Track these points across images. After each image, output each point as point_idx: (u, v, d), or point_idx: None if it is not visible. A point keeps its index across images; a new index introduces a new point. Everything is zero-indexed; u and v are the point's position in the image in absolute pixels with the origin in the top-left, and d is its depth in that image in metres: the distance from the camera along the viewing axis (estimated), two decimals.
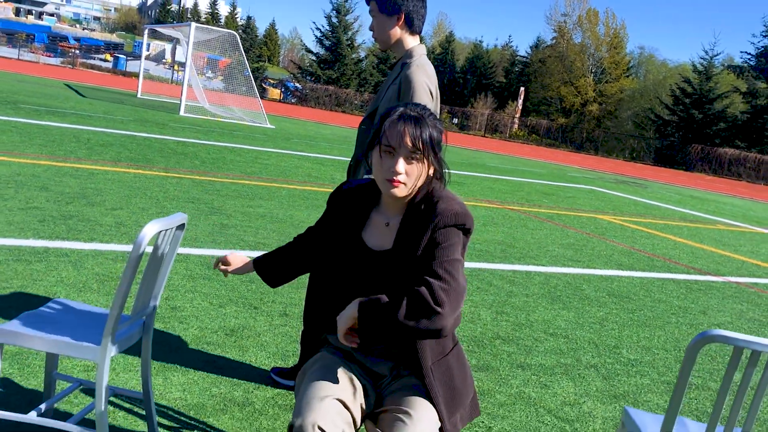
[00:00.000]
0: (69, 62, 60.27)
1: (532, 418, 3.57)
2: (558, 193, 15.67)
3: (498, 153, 31.05)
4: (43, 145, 10.17)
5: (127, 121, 16.47)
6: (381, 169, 2.02)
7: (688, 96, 49.71)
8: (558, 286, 6.51)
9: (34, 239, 5.28)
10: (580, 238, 9.54)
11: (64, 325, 2.53)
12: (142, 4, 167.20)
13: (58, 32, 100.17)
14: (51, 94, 21.37)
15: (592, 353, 4.74)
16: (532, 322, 5.23)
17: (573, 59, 63.83)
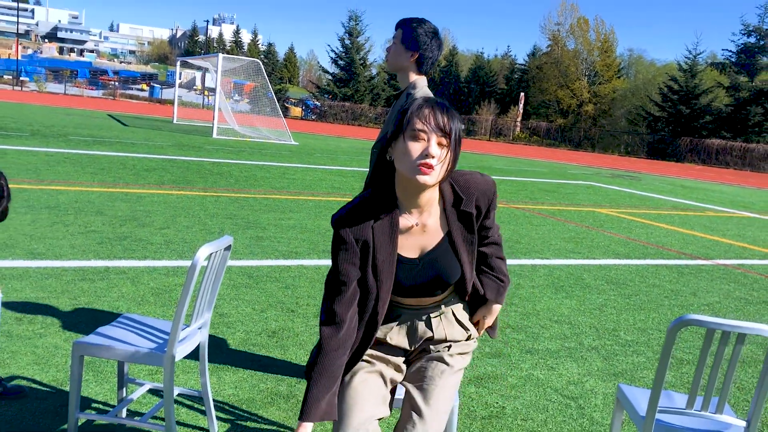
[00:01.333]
0: (110, 94, 61.01)
1: (541, 397, 3.71)
2: (559, 190, 15.73)
3: (503, 155, 31.07)
4: (95, 173, 10.45)
5: (166, 146, 16.76)
6: (410, 155, 1.78)
7: (675, 93, 49.41)
8: (561, 277, 6.63)
9: (95, 260, 5.50)
10: (580, 232, 9.63)
11: (133, 337, 2.72)
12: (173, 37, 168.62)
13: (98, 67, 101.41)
14: (96, 125, 21.76)
15: (593, 336, 4.87)
16: (538, 311, 5.36)
17: (567, 64, 63.55)
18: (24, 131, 16.58)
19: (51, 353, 3.59)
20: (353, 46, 58.40)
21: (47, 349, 3.63)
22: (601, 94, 61.31)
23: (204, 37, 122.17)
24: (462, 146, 1.93)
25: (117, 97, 59.41)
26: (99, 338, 2.66)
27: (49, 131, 17.34)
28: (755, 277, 7.62)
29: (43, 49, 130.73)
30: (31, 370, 3.36)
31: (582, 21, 65.06)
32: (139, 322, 2.88)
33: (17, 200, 7.53)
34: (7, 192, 2.87)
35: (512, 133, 57.59)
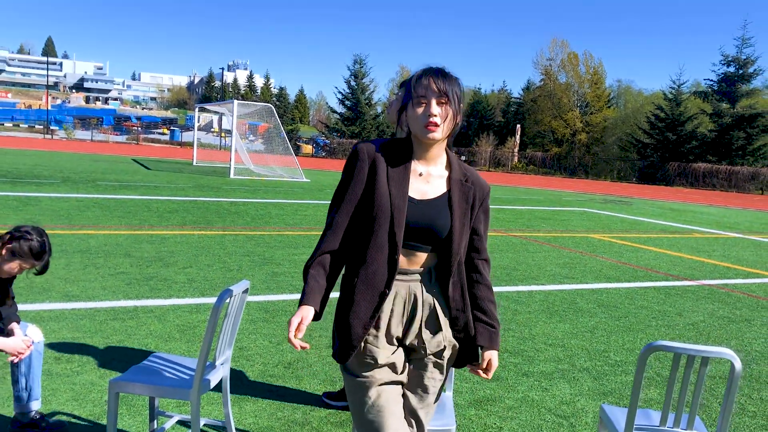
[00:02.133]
0: (133, 138, 61.83)
1: (535, 417, 3.81)
2: (554, 217, 15.84)
3: (501, 185, 31.25)
4: (122, 216, 10.67)
5: (187, 188, 17.03)
6: (417, 119, 1.96)
7: (662, 120, 49.70)
8: (555, 302, 6.74)
9: (124, 300, 5.66)
10: (574, 257, 9.74)
11: (162, 374, 2.86)
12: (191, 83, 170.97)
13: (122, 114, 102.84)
14: (122, 170, 22.11)
15: (585, 358, 4.97)
16: (534, 336, 5.47)
17: (560, 96, 64.03)
18: (55, 178, 16.91)
19: (88, 390, 3.73)
20: (359, 87, 59.15)
21: (84, 386, 3.77)
22: (593, 123, 61.64)
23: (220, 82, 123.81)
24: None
25: (140, 141, 60.19)
26: (132, 376, 2.81)
27: (78, 177, 17.66)
28: (738, 296, 7.69)
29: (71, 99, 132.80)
30: (70, 406, 3.50)
31: (572, 56, 65.67)
32: (167, 360, 3.03)
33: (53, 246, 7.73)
34: (48, 247, 3.04)
35: (510, 162, 57.86)
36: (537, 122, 65.62)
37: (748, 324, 6.35)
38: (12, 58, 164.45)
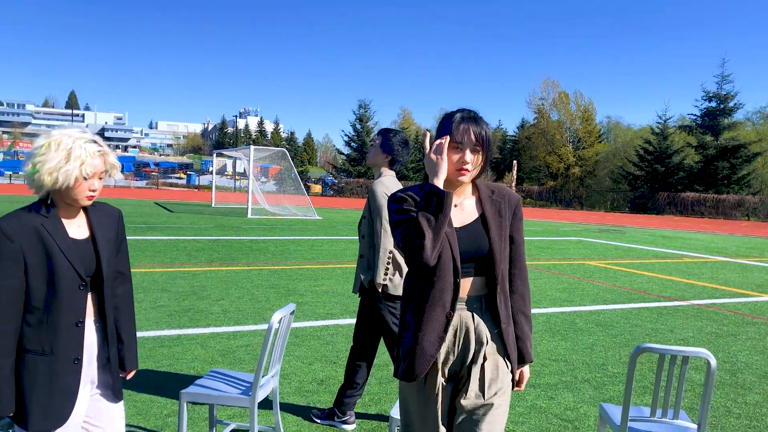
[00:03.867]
0: (153, 183, 62.61)
1: (543, 421, 4.10)
2: (553, 246, 16.14)
3: None
4: (153, 255, 11.04)
5: (209, 228, 17.44)
6: (452, 163, 2.06)
7: (650, 153, 50.29)
8: (557, 323, 7.03)
9: (168, 329, 5.99)
10: (572, 282, 10.03)
11: (224, 385, 3.19)
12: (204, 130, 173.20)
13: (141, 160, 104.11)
14: (147, 213, 22.58)
15: (585, 371, 5.25)
16: (539, 353, 5.76)
17: (553, 133, 64.80)
18: None
19: (148, 406, 4.05)
20: (363, 129, 60.11)
21: (145, 403, 4.09)
22: (586, 157, 62.26)
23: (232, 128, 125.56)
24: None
25: (159, 185, 60.94)
26: (198, 388, 3.14)
27: None
28: (725, 314, 7.96)
29: None
30: (136, 420, 3.82)
31: (563, 95, 66.65)
32: (226, 375, 3.36)
33: None
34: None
35: None
36: (532, 158, 66.33)
37: (734, 338, 6.62)
38: (38, 111, 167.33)
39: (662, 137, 50.07)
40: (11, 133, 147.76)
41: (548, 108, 67.51)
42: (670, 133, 50.33)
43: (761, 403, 4.63)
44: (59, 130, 2.09)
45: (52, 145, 2.01)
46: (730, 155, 45.54)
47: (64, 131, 2.08)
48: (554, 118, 66.58)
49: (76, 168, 1.99)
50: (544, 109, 67.64)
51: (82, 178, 2.02)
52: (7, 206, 22.90)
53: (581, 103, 66.21)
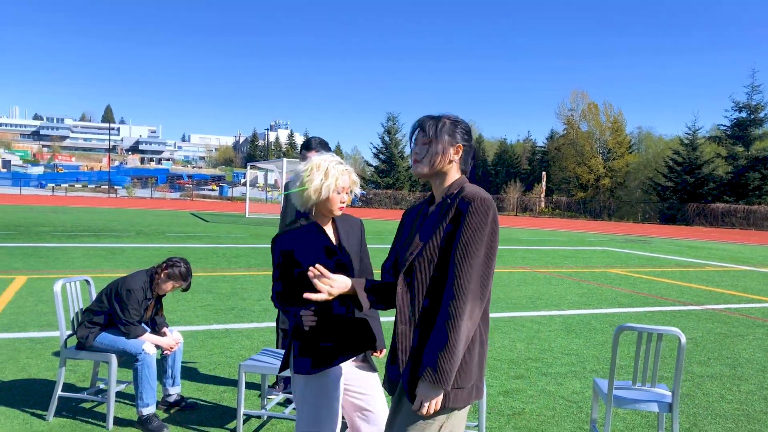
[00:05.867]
0: (187, 195, 64.24)
1: (551, 401, 4.64)
2: (577, 255, 16.53)
3: (528, 228, 31.90)
4: (195, 261, 11.80)
5: (245, 237, 18.25)
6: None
7: (679, 164, 50.04)
8: (573, 323, 7.53)
9: (216, 324, 6.67)
10: (592, 288, 10.48)
11: (274, 360, 3.82)
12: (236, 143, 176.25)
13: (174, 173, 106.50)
14: (184, 223, 23.55)
15: (594, 363, 5.76)
16: (552, 348, 6.28)
17: (582, 144, 64.73)
18: (130, 231, 18.31)
19: (206, 384, 4.70)
20: (392, 141, 60.97)
21: (204, 382, 4.75)
22: (616, 168, 62.04)
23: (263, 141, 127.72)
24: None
25: (193, 197, 62.52)
26: (253, 361, 3.77)
27: (149, 230, 19.06)
28: (737, 317, 8.35)
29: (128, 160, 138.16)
30: (197, 394, 4.47)
31: (592, 106, 66.59)
32: (275, 352, 3.99)
33: None
34: (191, 272, 4.07)
35: (537, 207, 58.39)
36: (562, 169, 66.30)
37: (741, 338, 7.04)
38: (76, 125, 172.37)
39: (691, 148, 49.81)
40: (51, 147, 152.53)
41: (577, 119, 67.49)
42: (699, 144, 50.05)
43: (754, 391, 5.09)
44: (316, 156, 2.60)
45: (313, 168, 2.53)
46: (761, 165, 45.10)
47: (320, 157, 2.59)
48: (584, 129, 66.51)
49: (333, 184, 2.51)
50: (573, 120, 67.63)
51: (335, 192, 2.54)
52: (53, 216, 24.10)
53: (611, 113, 66.05)
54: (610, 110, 66.21)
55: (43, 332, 6.02)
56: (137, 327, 3.87)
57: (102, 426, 3.79)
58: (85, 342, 3.86)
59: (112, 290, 3.91)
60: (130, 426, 3.81)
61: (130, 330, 3.84)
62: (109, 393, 3.80)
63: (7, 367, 4.87)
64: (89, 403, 4.20)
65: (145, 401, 3.76)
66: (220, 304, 7.74)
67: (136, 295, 3.86)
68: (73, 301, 4.07)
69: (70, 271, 9.92)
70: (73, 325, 4.04)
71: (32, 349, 5.43)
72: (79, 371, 4.86)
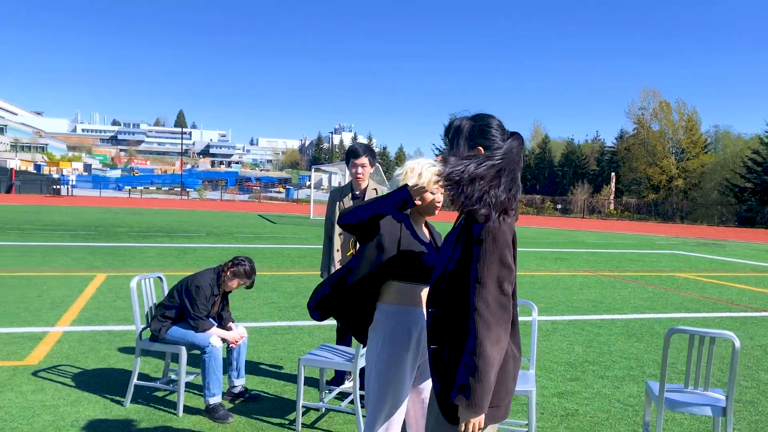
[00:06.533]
0: (255, 197, 66.03)
1: (606, 404, 4.64)
2: (644, 259, 16.09)
3: (595, 231, 31.16)
4: (261, 261, 12.23)
5: (309, 237, 18.70)
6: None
7: (759, 165, 47.61)
8: (634, 327, 7.40)
9: (279, 321, 6.96)
10: (657, 293, 10.22)
11: (331, 355, 4.01)
12: (302, 146, 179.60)
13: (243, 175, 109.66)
14: (252, 224, 24.32)
15: (654, 367, 5.68)
16: (612, 351, 6.22)
17: (654, 144, 62.62)
18: (200, 232, 19.09)
19: (269, 377, 4.95)
20: None
21: (266, 375, 5.00)
22: (690, 168, 59.71)
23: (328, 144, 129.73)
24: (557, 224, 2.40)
25: (260, 199, 64.22)
26: (312, 356, 3.97)
27: (219, 231, 19.82)
28: None
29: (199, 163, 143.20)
30: (260, 386, 4.72)
31: (664, 104, 64.32)
32: (334, 347, 4.18)
33: None
34: (255, 270, 4.32)
35: (605, 209, 56.87)
36: (632, 170, 64.32)
37: None
38: (150, 130, 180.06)
39: None
40: (127, 151, 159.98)
41: (648, 118, 65.34)
42: None
43: None
44: (411, 161, 2.70)
45: (407, 171, 2.64)
46: None
47: (415, 161, 2.68)
48: (655, 129, 64.31)
49: (426, 185, 2.56)
50: (644, 120, 65.53)
51: (429, 193, 2.64)
52: (129, 218, 25.37)
53: (684, 112, 63.60)
54: (683, 108, 63.79)
55: (120, 326, 6.45)
56: (205, 321, 4.14)
57: (173, 413, 4.08)
58: (158, 335, 4.16)
59: (183, 286, 4.19)
60: (198, 414, 4.08)
61: (199, 324, 4.11)
62: (180, 383, 4.09)
63: (89, 358, 5.27)
64: (161, 392, 4.51)
65: (212, 391, 4.02)
66: (284, 302, 8.04)
67: (204, 292, 4.14)
68: (147, 297, 4.39)
69: (145, 270, 10.50)
70: (147, 318, 4.36)
71: (111, 341, 5.84)
72: (152, 362, 5.21)
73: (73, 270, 10.19)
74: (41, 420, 3.87)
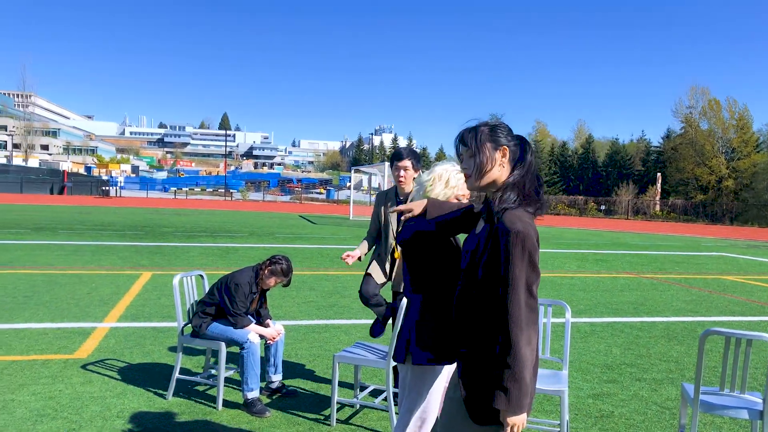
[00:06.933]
0: (296, 198, 66.81)
1: (643, 406, 4.59)
2: (689, 261, 15.71)
3: (639, 232, 30.52)
4: (302, 261, 12.42)
5: (348, 238, 18.87)
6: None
7: None
8: (676, 330, 7.27)
9: (317, 320, 7.08)
10: (701, 295, 9.99)
11: (365, 353, 4.09)
12: (342, 147, 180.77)
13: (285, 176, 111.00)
14: (293, 225, 24.66)
15: (695, 371, 5.58)
16: (651, 354, 6.14)
17: (703, 144, 60.97)
18: (243, 232, 19.47)
19: (306, 373, 5.06)
20: None
21: (304, 370, 5.11)
22: (741, 168, 57.91)
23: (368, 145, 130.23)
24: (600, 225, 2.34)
25: (301, 200, 64.95)
26: (347, 353, 4.06)
27: (261, 231, 20.17)
28: None
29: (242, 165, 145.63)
30: (296, 382, 4.83)
31: (713, 102, 62.55)
32: (368, 345, 4.26)
33: None
34: (292, 269, 4.43)
35: (650, 210, 55.57)
36: (679, 170, 62.75)
37: None
38: (195, 133, 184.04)
39: None
40: (173, 153, 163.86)
41: (697, 116, 63.65)
42: None
43: None
44: (439, 165, 2.76)
45: (435, 177, 2.71)
46: None
47: (443, 166, 2.74)
48: (704, 128, 62.58)
49: (453, 193, 2.68)
50: (692, 118, 63.86)
51: (455, 199, 2.70)
52: (174, 218, 26.01)
53: (735, 110, 61.70)
54: (734, 106, 61.92)
55: (164, 322, 6.68)
56: (244, 318, 4.27)
57: (212, 407, 4.22)
58: (199, 330, 4.31)
59: (222, 284, 4.34)
60: (237, 408, 4.21)
61: (238, 320, 4.24)
62: (219, 377, 4.23)
63: (134, 352, 5.48)
64: (202, 386, 4.67)
65: (249, 386, 4.15)
66: (322, 301, 8.16)
67: (243, 289, 4.27)
68: (189, 294, 4.55)
69: (189, 268, 10.79)
70: (188, 315, 4.52)
71: (155, 336, 6.06)
72: (194, 357, 5.39)
73: (120, 268, 10.55)
74: (89, 410, 4.06)
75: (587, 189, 74.38)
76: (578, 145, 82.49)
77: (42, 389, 4.42)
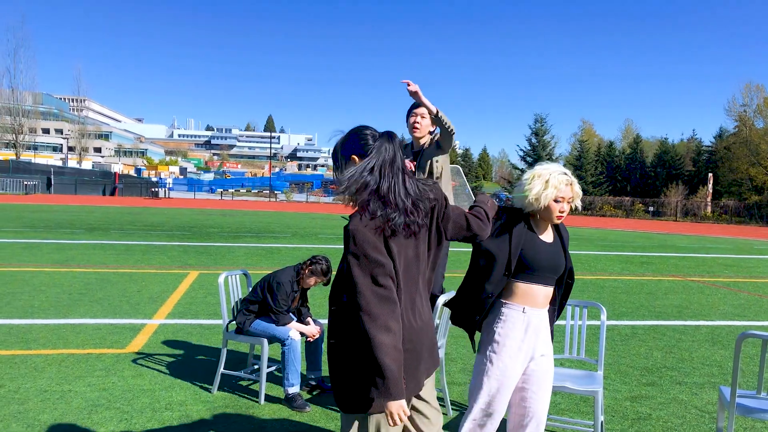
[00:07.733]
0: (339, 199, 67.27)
1: (682, 410, 4.56)
2: (739, 264, 15.28)
3: (688, 234, 29.73)
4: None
5: None
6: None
7: None
8: (720, 334, 7.14)
9: None
10: (751, 299, 9.74)
11: None
12: None
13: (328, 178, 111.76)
14: (335, 225, 24.95)
15: (738, 375, 5.48)
16: (693, 358, 6.06)
17: (758, 143, 58.93)
18: (286, 233, 19.82)
19: None
20: (540, 143, 59.56)
21: None
22: None
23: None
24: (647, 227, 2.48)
25: None
26: None
27: (303, 232, 20.50)
28: None
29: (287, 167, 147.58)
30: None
31: None
32: None
33: None
34: (330, 268, 4.57)
35: (701, 212, 54.00)
36: (732, 170, 60.82)
37: None
38: (241, 135, 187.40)
39: None
40: (220, 155, 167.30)
41: (751, 115, 61.58)
42: None
43: None
44: (540, 165, 2.77)
45: (535, 176, 2.70)
46: None
47: (544, 166, 2.75)
48: (759, 126, 60.49)
49: (551, 193, 2.66)
50: (746, 117, 61.82)
51: (553, 201, 2.71)
52: (220, 219, 26.62)
53: None
54: None
55: (210, 320, 6.92)
56: (285, 315, 4.43)
57: (255, 401, 4.39)
58: (243, 327, 4.49)
59: (265, 282, 4.51)
60: (278, 403, 4.37)
61: (279, 318, 4.40)
62: (261, 373, 4.40)
63: (181, 348, 5.72)
64: (245, 381, 4.85)
65: (290, 381, 4.30)
66: None
67: (285, 288, 4.43)
68: (233, 292, 4.74)
69: (234, 268, 11.09)
70: (233, 312, 4.71)
71: (201, 333, 6.29)
72: (238, 353, 5.59)
73: (168, 267, 10.93)
74: (140, 402, 4.28)
75: (635, 190, 72.76)
76: (625, 144, 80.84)
77: (96, 381, 4.67)
